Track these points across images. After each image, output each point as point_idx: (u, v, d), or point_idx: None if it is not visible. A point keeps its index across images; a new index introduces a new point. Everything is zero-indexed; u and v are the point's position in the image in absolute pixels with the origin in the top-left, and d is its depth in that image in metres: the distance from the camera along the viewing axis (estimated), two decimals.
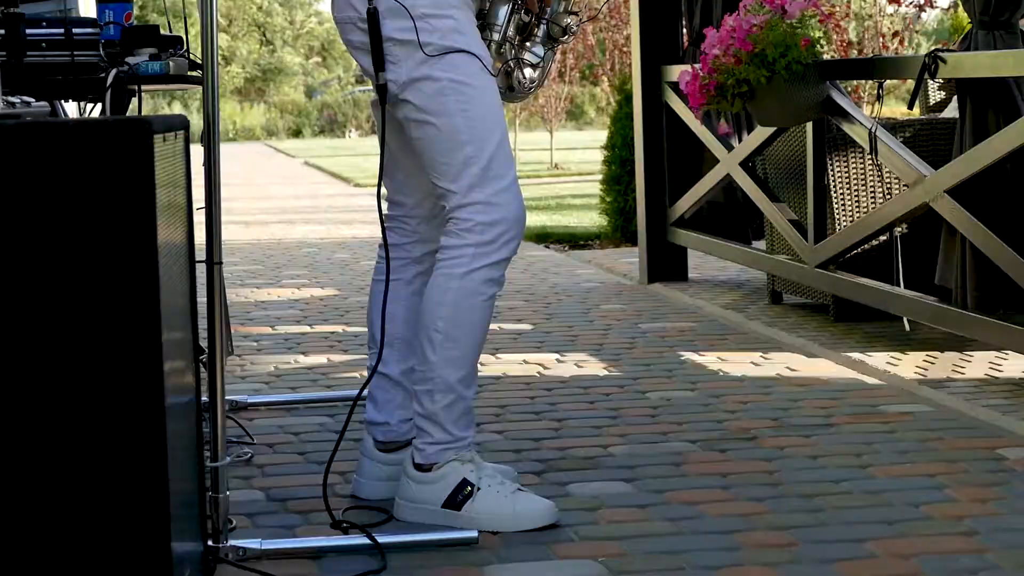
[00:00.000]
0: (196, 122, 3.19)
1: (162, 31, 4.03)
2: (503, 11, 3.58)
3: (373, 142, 3.54)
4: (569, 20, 3.65)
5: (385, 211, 3.76)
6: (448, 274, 3.44)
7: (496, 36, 3.57)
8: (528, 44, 3.65)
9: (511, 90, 3.65)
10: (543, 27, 3.63)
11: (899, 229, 5.65)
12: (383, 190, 3.73)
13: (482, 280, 3.44)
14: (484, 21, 3.57)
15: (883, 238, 5.78)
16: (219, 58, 3.22)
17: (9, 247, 2.56)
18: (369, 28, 3.42)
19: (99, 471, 2.62)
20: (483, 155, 3.42)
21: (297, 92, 56.22)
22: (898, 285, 5.53)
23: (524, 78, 3.64)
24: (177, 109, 37.70)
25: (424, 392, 3.46)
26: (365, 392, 3.71)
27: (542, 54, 3.66)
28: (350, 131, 46.45)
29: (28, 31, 3.55)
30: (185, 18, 4.27)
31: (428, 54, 3.38)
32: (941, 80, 6.27)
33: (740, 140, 6.87)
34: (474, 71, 3.42)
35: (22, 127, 2.61)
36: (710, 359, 5.60)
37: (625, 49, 19.19)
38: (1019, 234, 4.78)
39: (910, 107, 5.26)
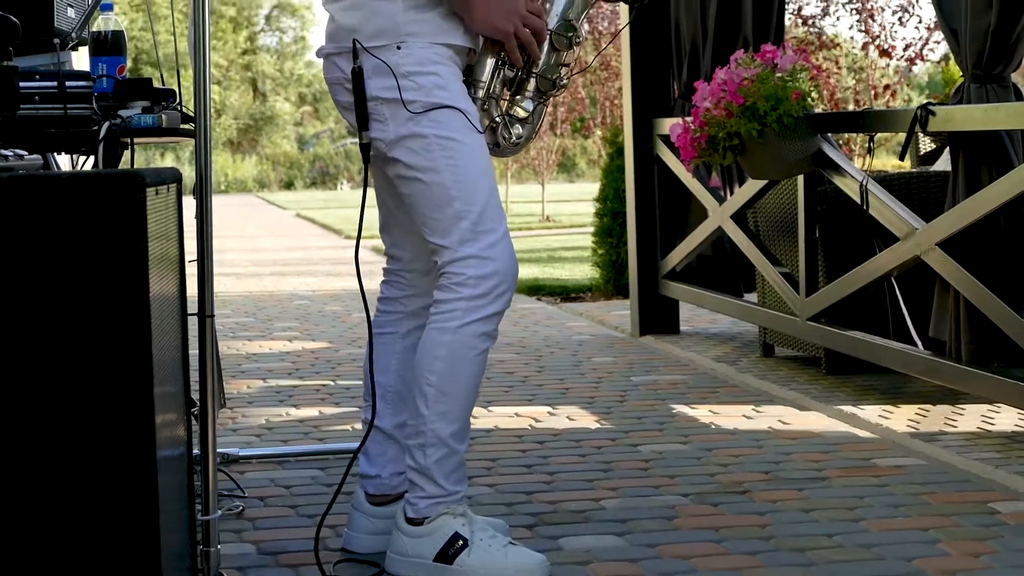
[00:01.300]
0: (188, 173, 3.20)
1: (155, 84, 4.03)
2: (488, 67, 3.59)
3: (367, 194, 3.55)
4: (560, 72, 3.66)
5: (383, 264, 3.78)
6: (441, 328, 3.44)
7: (481, 92, 3.58)
8: (518, 98, 3.65)
9: (497, 146, 3.65)
10: (533, 81, 3.63)
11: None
12: (381, 244, 3.75)
13: (475, 334, 3.44)
14: (470, 78, 3.58)
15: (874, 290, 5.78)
16: (211, 110, 3.22)
17: (2, 299, 2.56)
18: (354, 88, 3.44)
19: (91, 524, 2.61)
20: (473, 209, 3.42)
21: (289, 144, 56.35)
22: (908, 337, 5.53)
23: (510, 135, 3.64)
24: (169, 160, 37.74)
25: (416, 446, 3.45)
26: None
27: (531, 108, 3.66)
28: (342, 183, 46.53)
29: (21, 84, 3.55)
30: (178, 71, 4.28)
31: (413, 112, 3.40)
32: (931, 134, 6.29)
33: (731, 193, 6.87)
34: (460, 126, 3.43)
35: (15, 180, 2.61)
36: (702, 412, 5.60)
37: (616, 102, 19.27)
38: (1012, 287, 4.79)
39: (901, 159, 5.27)
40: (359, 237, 3.56)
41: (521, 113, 3.65)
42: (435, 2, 3.46)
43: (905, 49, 15.71)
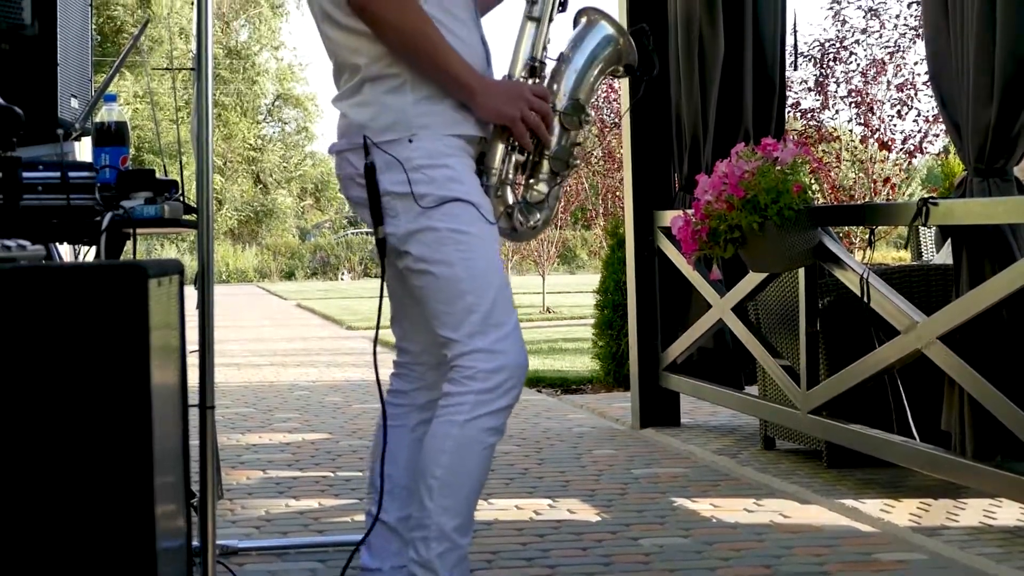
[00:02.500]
0: (189, 263, 3.20)
1: (157, 174, 4.05)
2: (499, 153, 3.60)
3: (366, 284, 3.58)
4: (572, 152, 3.67)
5: (393, 357, 3.79)
6: (449, 421, 3.44)
7: (494, 179, 3.59)
8: (532, 181, 3.66)
9: (515, 231, 3.66)
10: (546, 163, 3.65)
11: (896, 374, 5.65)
12: (392, 337, 3.75)
13: (483, 428, 3.43)
14: (482, 165, 3.60)
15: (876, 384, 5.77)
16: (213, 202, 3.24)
17: (4, 389, 2.55)
18: (367, 183, 3.45)
19: None
20: (484, 303, 3.42)
21: (290, 234, 56.47)
22: (911, 432, 5.51)
23: (526, 219, 3.65)
24: (170, 249, 37.83)
25: (420, 539, 3.43)
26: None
27: (547, 191, 3.67)
28: (343, 274, 46.58)
29: (25, 174, 3.56)
30: (180, 161, 4.30)
31: (425, 206, 3.41)
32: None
33: (731, 286, 6.88)
34: (472, 219, 3.44)
35: (18, 272, 2.62)
36: (703, 505, 5.57)
37: (618, 193, 19.32)
38: (1015, 381, 4.78)
39: (906, 246, 5.27)
40: (377, 331, 3.56)
41: (536, 196, 3.66)
42: (444, 94, 3.48)
43: (904, 142, 15.78)
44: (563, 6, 3.71)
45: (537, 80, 3.64)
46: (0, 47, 3.70)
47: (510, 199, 3.63)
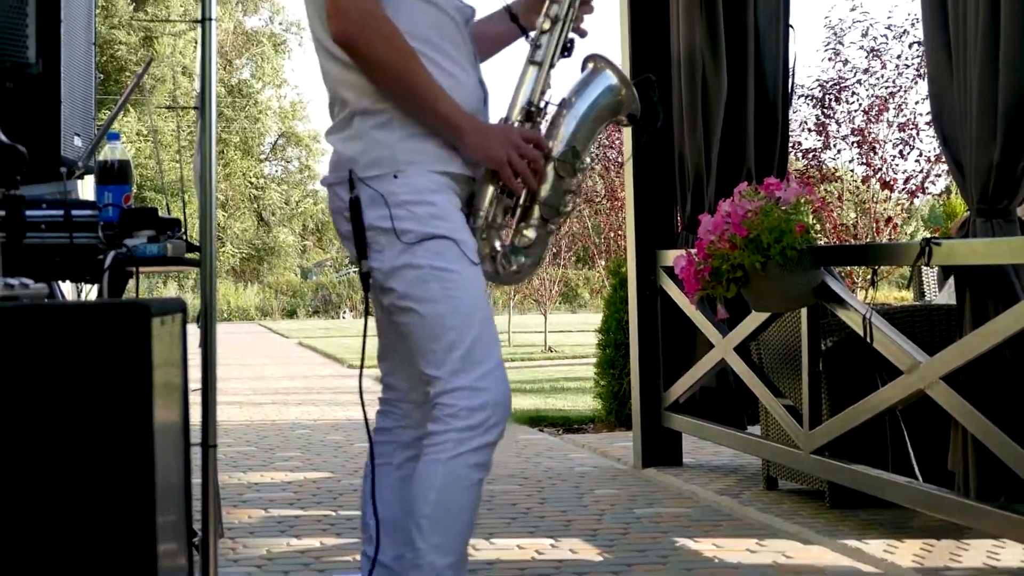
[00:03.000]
0: (191, 300, 3.20)
1: (160, 212, 4.05)
2: (487, 195, 3.60)
3: (368, 323, 3.56)
4: (564, 199, 3.66)
5: (380, 394, 3.78)
6: (434, 460, 3.43)
7: (479, 221, 3.59)
8: (522, 226, 3.65)
9: (497, 275, 3.66)
10: (536, 208, 3.64)
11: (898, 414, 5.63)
12: (378, 372, 3.74)
13: (468, 465, 3.42)
14: (471, 207, 3.59)
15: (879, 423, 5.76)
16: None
17: (7, 428, 2.55)
18: (351, 217, 3.46)
19: None
20: (465, 340, 3.42)
21: (292, 272, 56.49)
22: (913, 472, 5.50)
23: (509, 265, 3.65)
24: (171, 286, 37.83)
25: None
26: None
27: (534, 236, 3.66)
28: (344, 312, 46.56)
29: (28, 212, 3.56)
30: (183, 199, 4.31)
31: (408, 242, 3.41)
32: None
33: (734, 325, 6.87)
34: (455, 256, 3.44)
35: (22, 310, 2.62)
36: (705, 545, 5.55)
37: (620, 232, 19.32)
38: (1018, 421, 4.76)
39: (909, 286, 5.27)
40: (362, 367, 3.56)
41: (525, 241, 3.65)
42: (432, 131, 3.48)
43: (906, 182, 15.80)
44: (568, 52, 3.71)
45: (533, 125, 3.63)
46: (4, 85, 3.70)
47: (496, 242, 3.63)
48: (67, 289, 4.81)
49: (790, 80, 6.99)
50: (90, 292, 4.10)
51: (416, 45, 3.45)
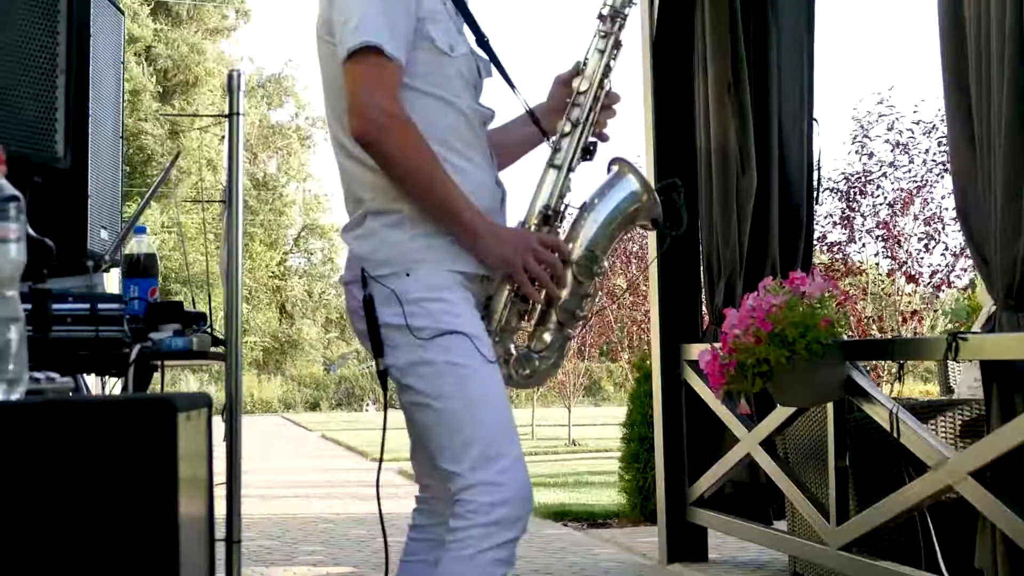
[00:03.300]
0: (214, 391, 3.20)
1: (185, 305, 4.05)
2: (503, 299, 3.60)
3: (391, 416, 3.55)
4: (582, 303, 3.65)
5: (415, 492, 3.77)
6: (457, 557, 3.40)
7: (493, 324, 3.58)
8: (539, 330, 3.65)
9: (510, 378, 3.64)
10: (552, 312, 3.63)
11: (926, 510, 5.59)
12: (406, 466, 3.73)
13: (490, 561, 3.39)
14: (487, 309, 3.59)
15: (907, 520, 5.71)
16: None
17: (32, 524, 2.54)
18: (366, 315, 3.46)
19: None
20: (483, 435, 3.40)
21: (315, 365, 56.54)
22: (940, 569, 5.45)
23: (521, 369, 3.64)
24: (195, 378, 37.88)
25: None
26: None
27: (549, 340, 3.65)
28: (368, 404, 46.57)
29: (54, 306, 3.57)
30: (208, 293, 4.31)
31: (422, 338, 3.40)
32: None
33: (759, 419, 6.84)
34: (468, 352, 3.43)
35: (48, 405, 2.61)
36: None
37: (644, 325, 19.31)
38: None
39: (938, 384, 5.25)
40: (380, 461, 3.55)
41: (539, 345, 3.64)
42: (444, 231, 3.48)
43: (931, 276, 15.80)
44: (590, 155, 3.71)
45: (550, 229, 3.63)
46: (33, 179, 3.72)
47: (510, 346, 3.62)
48: (92, 382, 4.82)
49: (816, 174, 7.00)
50: (115, 385, 4.10)
51: (433, 145, 3.46)
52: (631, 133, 7.08)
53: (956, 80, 5.18)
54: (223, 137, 4.16)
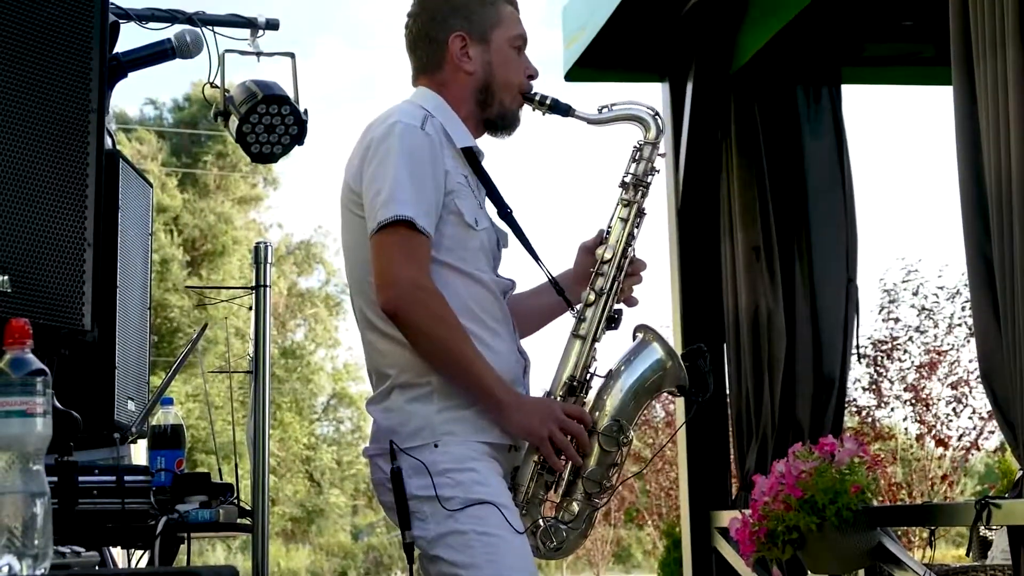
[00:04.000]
0: (240, 562, 3.18)
1: (212, 476, 4.04)
2: (529, 470, 3.58)
3: None
4: (608, 473, 3.62)
5: None
6: None
7: (520, 496, 3.56)
8: (566, 501, 3.62)
9: (537, 551, 3.61)
10: (579, 483, 3.60)
11: None
12: None
13: None
14: (513, 480, 3.57)
15: None
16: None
17: None
18: (394, 487, 3.44)
19: None
20: None
21: (342, 534, 56.21)
22: None
23: (548, 542, 3.60)
24: (220, 548, 37.69)
25: None
26: None
27: (577, 511, 3.62)
28: (396, 574, 46.22)
29: (81, 478, 3.56)
30: (236, 465, 4.30)
31: (451, 509, 3.38)
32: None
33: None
34: (498, 522, 3.41)
35: None
36: None
37: (671, 492, 19.18)
38: None
39: (968, 554, 5.20)
40: None
41: (566, 516, 3.61)
42: (470, 402, 3.47)
43: (960, 439, 15.71)
44: (615, 324, 3.71)
45: (576, 399, 3.62)
46: (59, 352, 3.73)
47: (537, 518, 3.59)
48: (118, 554, 4.79)
49: (852, 340, 7.00)
50: (142, 558, 4.08)
51: (460, 318, 3.46)
52: (659, 297, 7.11)
53: (976, 243, 5.19)
54: (251, 307, 4.19)
